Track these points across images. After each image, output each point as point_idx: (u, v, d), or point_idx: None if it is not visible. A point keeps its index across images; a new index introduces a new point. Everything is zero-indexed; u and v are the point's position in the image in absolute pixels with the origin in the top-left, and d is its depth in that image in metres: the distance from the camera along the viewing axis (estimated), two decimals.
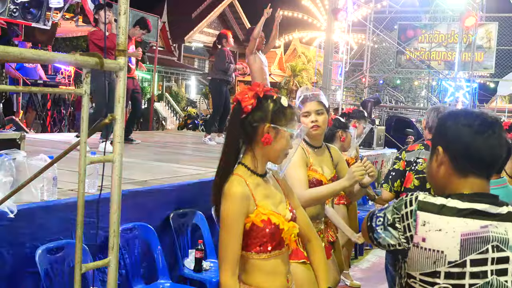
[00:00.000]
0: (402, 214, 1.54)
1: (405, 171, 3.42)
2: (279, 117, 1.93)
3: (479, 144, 1.53)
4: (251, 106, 1.91)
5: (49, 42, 10.30)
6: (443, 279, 1.48)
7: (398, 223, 1.54)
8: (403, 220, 1.54)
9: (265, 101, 1.94)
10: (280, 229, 1.92)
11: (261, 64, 6.59)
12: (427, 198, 1.54)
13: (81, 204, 1.90)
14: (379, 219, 1.60)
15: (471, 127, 1.54)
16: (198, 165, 5.27)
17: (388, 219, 1.57)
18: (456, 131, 1.56)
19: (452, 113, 1.62)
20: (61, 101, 11.29)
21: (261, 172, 1.99)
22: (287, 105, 1.96)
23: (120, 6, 1.96)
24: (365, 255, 6.50)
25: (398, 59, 14.38)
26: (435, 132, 1.65)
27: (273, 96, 1.97)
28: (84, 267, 1.95)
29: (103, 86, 5.73)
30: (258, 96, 1.93)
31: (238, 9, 29.95)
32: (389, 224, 1.56)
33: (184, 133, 12.48)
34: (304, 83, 29.76)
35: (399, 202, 1.57)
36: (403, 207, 1.55)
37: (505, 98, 25.71)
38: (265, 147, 1.93)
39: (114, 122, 1.98)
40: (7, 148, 3.25)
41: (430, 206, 1.51)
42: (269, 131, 1.91)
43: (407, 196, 1.57)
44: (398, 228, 1.54)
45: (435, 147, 1.61)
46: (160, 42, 23.14)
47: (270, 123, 1.92)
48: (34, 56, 1.76)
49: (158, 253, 3.69)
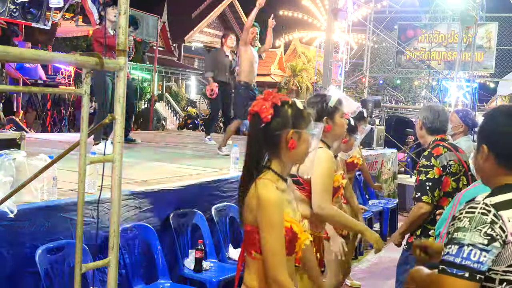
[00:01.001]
0: (489, 222, 1.53)
1: (441, 176, 3.33)
2: (299, 121, 1.97)
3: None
4: (270, 116, 1.94)
5: (49, 42, 10.31)
6: None
7: (492, 231, 1.52)
8: (493, 227, 1.52)
9: (283, 108, 1.97)
10: (297, 237, 1.96)
11: (251, 58, 6.59)
12: (494, 199, 1.59)
13: (81, 204, 1.90)
14: (470, 255, 1.51)
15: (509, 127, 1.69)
16: (198, 165, 5.27)
17: (481, 242, 1.51)
18: (498, 130, 1.69)
19: (493, 113, 1.75)
20: (61, 101, 11.30)
21: (285, 177, 2.03)
22: (303, 108, 2.00)
23: (120, 6, 1.96)
24: (365, 255, 6.50)
25: (398, 59, 14.37)
26: (480, 131, 1.76)
27: (288, 101, 2.00)
28: (84, 267, 1.95)
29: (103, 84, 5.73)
30: (275, 105, 1.96)
31: (238, 9, 29.92)
32: (487, 243, 1.51)
33: (184, 133, 12.47)
34: (304, 83, 29.75)
35: (473, 221, 1.54)
36: (483, 218, 1.54)
37: (505, 98, 25.68)
38: (291, 152, 1.96)
39: (114, 122, 1.98)
40: (7, 148, 3.25)
41: (504, 204, 1.58)
42: (293, 136, 1.95)
43: (473, 209, 1.56)
44: (495, 236, 1.52)
45: (480, 145, 1.72)
46: (160, 42, 23.13)
47: (292, 129, 1.95)
48: (34, 56, 1.76)
49: (158, 253, 3.69)
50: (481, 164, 1.73)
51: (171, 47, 27.36)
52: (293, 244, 1.97)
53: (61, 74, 11.22)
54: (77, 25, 9.83)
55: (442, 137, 3.50)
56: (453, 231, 1.57)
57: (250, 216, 1.93)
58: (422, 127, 3.55)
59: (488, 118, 1.75)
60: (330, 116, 2.91)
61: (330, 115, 2.92)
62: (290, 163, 2.03)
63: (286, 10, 22.85)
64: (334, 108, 2.93)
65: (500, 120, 1.71)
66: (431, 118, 3.50)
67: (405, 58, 14.18)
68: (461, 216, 1.57)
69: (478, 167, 1.77)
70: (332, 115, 2.92)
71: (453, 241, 1.55)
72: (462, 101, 13.04)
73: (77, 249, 1.91)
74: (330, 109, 2.92)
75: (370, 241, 2.95)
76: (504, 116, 1.71)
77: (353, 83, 18.16)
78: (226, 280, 3.82)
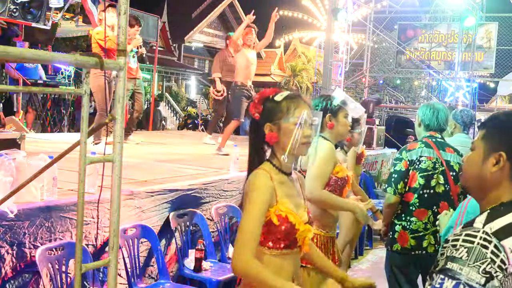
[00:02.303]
0: (489, 258, 1.41)
1: (408, 170, 3.36)
2: (274, 112, 1.98)
3: None
4: (258, 114, 2.00)
5: (49, 42, 10.30)
6: None
7: (492, 268, 1.40)
8: (493, 264, 1.41)
9: (264, 103, 2.01)
10: (295, 229, 1.94)
11: (246, 62, 6.78)
12: (495, 224, 1.47)
13: (81, 204, 1.90)
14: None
15: None
16: (198, 165, 5.27)
17: (478, 281, 1.39)
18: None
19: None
20: (61, 101, 11.28)
21: (286, 170, 2.02)
22: (281, 99, 1.99)
23: (120, 6, 1.96)
24: (365, 255, 6.50)
25: (398, 59, 14.38)
26: (498, 137, 1.58)
27: (268, 96, 2.02)
28: (84, 267, 1.95)
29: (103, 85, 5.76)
30: (261, 102, 2.01)
31: (238, 9, 29.90)
32: (484, 283, 1.39)
33: (184, 133, 12.47)
34: (304, 83, 29.74)
35: (472, 254, 1.41)
36: (483, 252, 1.41)
37: (505, 98, 25.71)
38: (279, 144, 1.98)
39: (114, 122, 1.98)
40: (7, 148, 3.25)
41: (506, 231, 1.46)
42: (271, 129, 1.97)
43: (473, 238, 1.44)
44: (494, 274, 1.40)
45: (495, 152, 1.55)
46: (160, 42, 23.13)
47: (268, 122, 1.98)
48: (34, 56, 1.76)
49: (158, 253, 3.69)
50: (488, 173, 1.56)
51: (171, 47, 27.35)
52: (292, 236, 1.95)
53: (61, 74, 11.21)
54: (77, 25, 9.84)
55: (432, 134, 3.46)
56: (446, 259, 1.44)
57: (243, 203, 1.96)
58: (420, 124, 3.53)
59: (507, 119, 1.58)
60: (334, 114, 3.00)
61: (334, 113, 3.00)
62: (284, 155, 1.99)
63: (286, 10, 22.86)
64: (338, 107, 3.01)
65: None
66: (430, 115, 3.48)
67: (405, 58, 14.18)
68: (457, 244, 1.44)
69: (480, 174, 1.58)
70: (336, 113, 3.00)
71: (447, 272, 1.42)
72: (462, 101, 13.04)
73: (77, 249, 1.90)
74: (334, 108, 3.01)
75: (359, 218, 3.02)
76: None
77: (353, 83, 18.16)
78: (226, 280, 3.82)
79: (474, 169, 1.60)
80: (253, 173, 1.96)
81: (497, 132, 1.58)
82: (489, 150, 1.57)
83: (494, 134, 1.58)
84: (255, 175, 1.94)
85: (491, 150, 1.56)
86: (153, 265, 3.74)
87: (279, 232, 1.91)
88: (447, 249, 1.46)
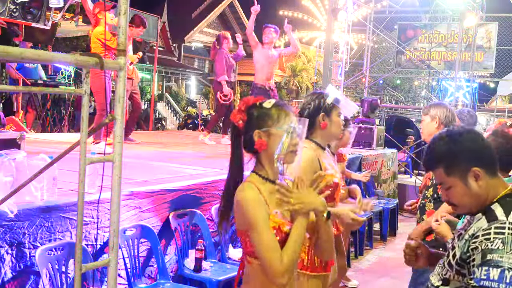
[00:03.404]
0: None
1: None
2: (265, 120, 1.96)
3: (488, 144, 1.77)
4: (242, 121, 1.97)
5: (49, 42, 10.28)
6: None
7: None
8: None
9: (250, 111, 1.99)
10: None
11: (262, 61, 6.86)
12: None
13: (81, 204, 1.90)
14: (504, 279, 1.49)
15: (477, 136, 1.75)
16: (198, 165, 5.27)
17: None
18: (473, 148, 1.72)
19: (449, 140, 1.74)
20: (61, 101, 11.28)
21: (273, 179, 2.00)
22: (270, 106, 1.98)
23: (120, 6, 1.96)
24: (365, 255, 6.50)
25: (398, 59, 14.37)
26: (456, 162, 1.72)
27: (255, 103, 2.00)
28: (84, 267, 1.95)
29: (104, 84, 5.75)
30: (246, 109, 1.99)
31: (238, 9, 29.89)
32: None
33: (184, 133, 12.47)
34: (304, 83, 29.73)
35: (507, 243, 1.54)
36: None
37: (505, 98, 25.71)
38: (266, 152, 1.96)
39: (115, 122, 1.98)
40: (7, 148, 3.25)
41: None
42: (260, 136, 1.95)
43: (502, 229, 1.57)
44: None
45: (466, 172, 1.70)
46: (160, 42, 23.12)
47: (258, 129, 1.95)
48: (34, 56, 1.76)
49: (158, 253, 3.69)
50: (479, 189, 1.70)
51: (171, 47, 27.35)
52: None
53: (61, 74, 11.20)
54: (77, 25, 9.82)
55: None
56: (483, 252, 1.55)
57: (237, 221, 1.95)
58: (440, 124, 3.34)
59: (449, 146, 1.73)
60: (327, 113, 2.79)
61: (327, 112, 2.79)
62: (272, 163, 1.98)
63: (286, 10, 22.85)
64: (331, 106, 2.80)
65: (464, 139, 1.73)
66: (447, 113, 3.36)
67: (405, 58, 14.18)
68: (490, 237, 1.56)
69: (475, 195, 1.72)
70: (329, 112, 2.79)
71: (489, 263, 1.53)
72: (462, 101, 13.05)
73: (77, 249, 1.90)
74: (327, 106, 2.80)
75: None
76: (460, 135, 1.74)
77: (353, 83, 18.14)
78: (226, 280, 3.82)
79: (467, 198, 1.73)
80: (238, 188, 1.93)
81: (452, 160, 1.73)
82: (462, 177, 1.71)
83: (452, 164, 1.73)
84: (240, 190, 1.92)
85: (462, 175, 1.71)
86: (153, 265, 3.74)
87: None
88: (480, 243, 1.57)
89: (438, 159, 1.75)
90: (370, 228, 6.71)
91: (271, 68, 7.12)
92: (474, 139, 1.74)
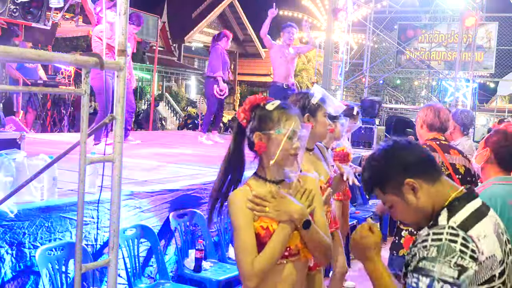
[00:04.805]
0: (458, 251, 1.45)
1: None
2: (265, 122, 1.95)
3: (421, 151, 1.70)
4: (246, 120, 1.97)
5: (49, 42, 10.29)
6: (497, 280, 1.50)
7: (463, 260, 1.45)
8: (463, 256, 1.45)
9: (254, 111, 1.98)
10: None
11: (279, 59, 7.11)
12: (457, 218, 1.53)
13: (81, 204, 1.90)
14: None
15: (406, 146, 1.67)
16: (198, 165, 5.27)
17: (451, 275, 1.43)
18: (408, 160, 1.64)
19: (387, 150, 1.69)
20: (61, 101, 11.27)
21: (274, 179, 1.99)
22: (272, 108, 1.97)
23: (120, 6, 1.96)
24: None
25: (398, 59, 14.38)
26: (387, 179, 1.65)
27: (260, 103, 1.99)
28: (84, 267, 1.95)
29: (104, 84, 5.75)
30: (250, 108, 1.98)
31: (238, 9, 29.87)
32: (457, 275, 1.43)
33: (184, 133, 12.47)
34: (304, 83, 29.72)
35: (442, 250, 1.45)
36: (452, 246, 1.46)
37: (505, 98, 25.74)
38: (267, 154, 1.96)
39: (114, 122, 1.98)
40: (7, 148, 3.25)
41: (469, 221, 1.52)
42: (260, 139, 1.95)
43: (440, 235, 1.49)
44: (466, 265, 1.45)
45: (401, 186, 1.62)
46: (160, 42, 23.11)
47: (258, 131, 1.95)
48: (34, 56, 1.76)
49: (158, 253, 3.69)
50: (419, 202, 1.61)
51: (171, 47, 27.34)
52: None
53: (61, 74, 11.19)
54: (77, 25, 9.82)
55: (436, 136, 3.40)
56: (418, 259, 1.48)
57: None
58: (422, 125, 3.46)
59: (377, 164, 1.68)
60: (312, 113, 2.78)
61: (312, 112, 2.78)
62: (273, 165, 1.97)
63: (286, 10, 22.85)
64: (316, 106, 2.79)
65: (391, 153, 1.67)
66: (431, 116, 3.45)
67: (405, 58, 14.19)
68: (427, 244, 1.48)
69: (417, 210, 1.62)
70: (315, 113, 2.78)
71: (420, 271, 1.46)
72: (462, 101, 13.05)
73: (77, 249, 1.91)
74: (312, 107, 2.78)
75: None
76: (387, 150, 1.68)
77: (353, 83, 18.15)
78: (226, 280, 3.82)
79: (410, 213, 1.65)
80: (232, 193, 1.98)
81: (382, 177, 1.66)
82: (398, 192, 1.63)
83: (384, 182, 1.66)
84: (234, 193, 1.97)
85: (398, 191, 1.63)
86: (153, 265, 3.74)
87: (265, 243, 1.90)
88: (418, 251, 1.50)
89: (371, 180, 1.70)
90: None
91: (289, 66, 7.23)
92: (402, 151, 1.66)
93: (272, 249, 1.88)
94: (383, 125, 14.05)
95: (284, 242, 1.90)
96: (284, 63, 7.19)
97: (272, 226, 1.91)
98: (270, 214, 1.89)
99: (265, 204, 1.90)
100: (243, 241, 1.89)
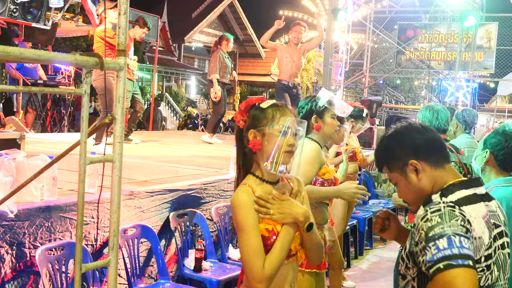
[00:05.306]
0: (459, 215, 1.52)
1: None
2: (259, 119, 1.96)
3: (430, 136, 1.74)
4: (242, 121, 1.99)
5: (49, 42, 10.28)
6: (482, 263, 1.55)
7: (464, 223, 1.51)
8: (464, 219, 1.52)
9: (250, 111, 2.00)
10: None
11: (285, 59, 7.25)
12: (451, 197, 1.60)
13: (81, 204, 1.90)
14: (462, 243, 1.46)
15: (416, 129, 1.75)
16: (199, 165, 5.27)
17: (461, 231, 1.49)
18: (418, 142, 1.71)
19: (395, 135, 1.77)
20: (61, 101, 11.26)
21: (270, 179, 1.99)
22: (266, 106, 1.98)
23: (120, 6, 1.96)
24: (365, 255, 6.50)
25: (398, 59, 14.38)
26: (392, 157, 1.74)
27: (254, 104, 2.01)
28: (84, 267, 1.95)
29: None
30: (246, 109, 2.00)
31: (238, 9, 29.88)
32: (465, 231, 1.50)
33: (184, 133, 12.47)
34: (304, 83, 29.72)
35: (445, 216, 1.51)
36: (452, 212, 1.53)
37: (505, 98, 25.73)
38: (262, 151, 1.94)
39: (115, 122, 1.98)
40: (7, 148, 3.25)
41: (463, 201, 1.59)
42: (255, 136, 1.95)
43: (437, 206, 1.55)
44: (468, 227, 1.51)
45: (404, 166, 1.70)
46: (160, 42, 23.12)
47: (252, 129, 1.96)
48: (34, 56, 1.76)
49: (158, 253, 3.69)
50: (418, 183, 1.69)
51: (171, 47, 27.34)
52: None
53: (61, 74, 11.19)
54: (77, 25, 9.82)
55: (443, 137, 3.45)
56: (425, 233, 1.50)
57: (233, 223, 1.99)
58: None
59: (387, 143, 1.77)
60: (320, 115, 2.98)
61: (320, 114, 2.98)
62: (267, 162, 1.95)
63: (286, 10, 22.85)
64: (324, 108, 2.99)
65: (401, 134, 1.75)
66: (430, 117, 3.45)
67: (405, 58, 14.19)
68: (428, 217, 1.52)
69: (417, 189, 1.70)
70: (322, 114, 2.99)
71: (433, 238, 1.47)
72: (462, 101, 13.06)
73: (77, 249, 1.90)
74: (319, 109, 2.99)
75: (346, 197, 2.95)
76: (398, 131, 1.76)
77: (353, 83, 18.15)
78: (226, 280, 3.82)
79: (411, 192, 1.73)
80: (235, 192, 1.96)
81: (390, 156, 1.76)
82: (402, 171, 1.72)
83: (391, 160, 1.75)
84: (236, 193, 1.94)
85: (402, 170, 1.72)
86: (153, 265, 3.74)
87: (270, 245, 1.89)
88: (422, 227, 1.53)
89: (380, 158, 1.80)
90: (370, 228, 6.71)
91: (294, 66, 7.29)
92: (411, 133, 1.73)
93: (280, 252, 1.88)
94: (383, 125, 14.05)
95: (290, 244, 1.91)
96: (289, 62, 7.26)
97: (276, 228, 1.91)
98: (274, 216, 1.89)
99: (268, 206, 1.90)
100: (254, 243, 1.86)
